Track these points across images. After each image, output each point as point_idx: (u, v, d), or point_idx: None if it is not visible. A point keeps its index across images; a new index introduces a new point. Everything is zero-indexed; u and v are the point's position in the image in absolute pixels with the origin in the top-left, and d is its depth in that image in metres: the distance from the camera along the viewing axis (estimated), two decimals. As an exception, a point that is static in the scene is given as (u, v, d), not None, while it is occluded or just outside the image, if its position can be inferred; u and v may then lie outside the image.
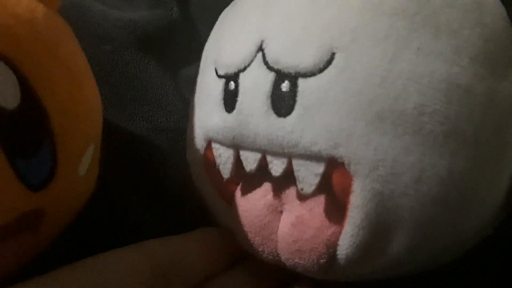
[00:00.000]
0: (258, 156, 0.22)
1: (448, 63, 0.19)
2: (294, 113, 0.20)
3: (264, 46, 0.21)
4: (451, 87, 0.19)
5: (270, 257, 0.23)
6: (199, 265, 0.24)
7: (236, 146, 0.23)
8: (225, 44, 0.23)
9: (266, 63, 0.21)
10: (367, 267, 0.21)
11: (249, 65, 0.22)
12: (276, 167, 0.21)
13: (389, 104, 0.19)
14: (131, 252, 0.22)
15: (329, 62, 0.20)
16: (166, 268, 0.22)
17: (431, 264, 0.22)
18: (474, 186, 0.20)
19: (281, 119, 0.20)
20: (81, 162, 0.20)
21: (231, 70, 0.22)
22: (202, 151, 0.25)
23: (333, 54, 0.20)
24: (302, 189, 0.21)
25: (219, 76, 0.23)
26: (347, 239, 0.20)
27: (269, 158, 0.21)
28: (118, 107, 0.31)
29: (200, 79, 0.26)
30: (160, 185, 0.30)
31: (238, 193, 0.24)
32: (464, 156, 0.19)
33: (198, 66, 0.35)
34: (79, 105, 0.19)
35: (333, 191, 0.21)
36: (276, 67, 0.21)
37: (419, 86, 0.19)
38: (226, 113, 0.22)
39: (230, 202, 0.24)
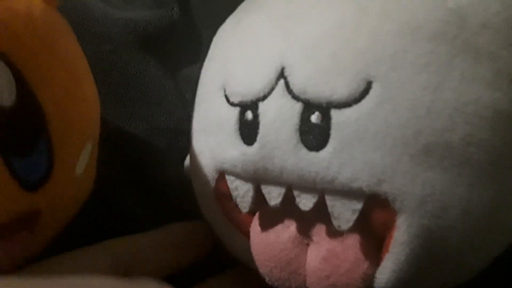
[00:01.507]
0: (282, 190, 0.20)
1: (491, 88, 0.18)
2: (329, 147, 0.19)
3: (286, 73, 0.20)
4: (496, 114, 0.18)
5: None
6: (163, 259, 0.24)
7: (257, 180, 0.21)
8: (237, 69, 0.22)
9: (290, 92, 0.19)
10: None
11: (269, 94, 0.20)
12: (305, 201, 0.20)
13: (436, 136, 0.18)
14: (92, 250, 0.22)
15: (365, 92, 0.18)
16: (126, 263, 0.23)
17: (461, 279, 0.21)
18: None
19: (313, 154, 0.19)
20: (78, 161, 0.20)
21: (247, 98, 0.21)
22: (213, 183, 0.23)
23: (369, 83, 0.18)
24: (339, 226, 0.19)
25: (232, 104, 0.21)
26: (387, 273, 0.19)
27: (296, 192, 0.20)
28: (117, 107, 0.31)
29: (204, 105, 0.24)
30: (158, 186, 0.30)
31: (255, 224, 0.22)
32: (508, 182, 0.19)
33: (198, 66, 0.35)
34: (77, 103, 0.19)
35: (369, 224, 0.20)
36: (303, 96, 0.19)
37: (465, 116, 0.18)
38: (245, 146, 0.21)
39: (248, 235, 0.23)
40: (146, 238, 0.25)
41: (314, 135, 0.19)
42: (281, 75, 0.20)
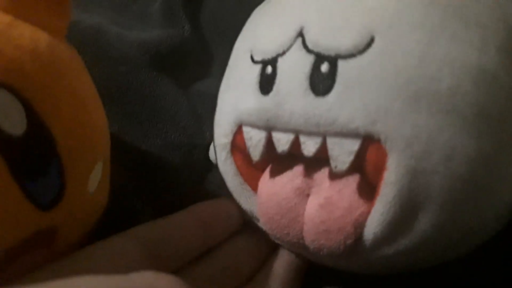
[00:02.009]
0: (291, 137, 0.23)
1: (477, 51, 0.21)
2: (333, 92, 0.21)
3: (304, 32, 0.22)
4: (480, 73, 0.20)
5: (295, 240, 0.24)
6: (191, 240, 0.24)
7: (269, 128, 0.23)
8: (263, 33, 0.25)
9: (305, 46, 0.22)
10: (392, 247, 0.22)
11: (288, 49, 0.23)
12: (309, 147, 0.22)
13: (425, 84, 0.20)
14: (119, 238, 0.22)
15: (368, 45, 0.21)
16: (155, 248, 0.22)
17: (453, 251, 0.22)
18: (500, 166, 0.21)
19: (319, 98, 0.21)
20: (89, 180, 0.21)
21: (269, 55, 0.23)
22: (231, 136, 0.25)
23: (372, 38, 0.21)
24: (335, 167, 0.21)
25: (255, 62, 0.24)
26: (376, 217, 0.21)
27: (302, 138, 0.22)
28: (133, 125, 0.32)
29: (229, 70, 0.27)
30: (174, 200, 0.31)
31: (265, 177, 0.25)
32: (491, 137, 0.20)
33: (210, 82, 0.36)
34: (85, 127, 0.20)
35: (363, 171, 0.21)
36: (316, 50, 0.22)
37: (452, 69, 0.20)
38: (261, 95, 0.23)
39: (255, 188, 0.25)
40: (173, 221, 0.25)
41: (321, 82, 0.21)
42: (300, 33, 0.23)
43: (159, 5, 0.37)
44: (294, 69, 0.22)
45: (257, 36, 0.25)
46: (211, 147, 0.29)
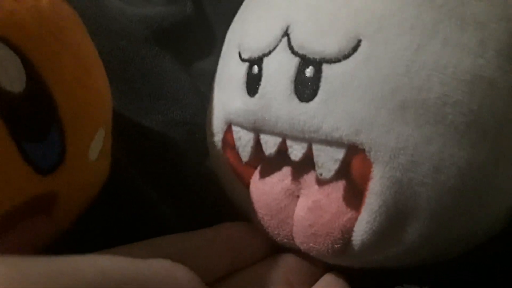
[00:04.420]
0: (278, 140, 0.22)
1: (473, 55, 0.19)
2: (317, 99, 0.20)
3: (289, 31, 0.21)
4: (475, 79, 0.19)
5: (285, 240, 0.23)
6: (217, 261, 0.23)
7: (257, 130, 0.23)
8: (250, 28, 0.24)
9: (291, 48, 0.21)
10: (380, 254, 0.21)
11: (274, 49, 0.22)
12: (296, 151, 0.22)
13: (413, 93, 0.19)
14: (142, 249, 0.21)
15: (354, 49, 0.20)
16: (181, 261, 0.21)
17: (442, 255, 0.22)
18: (492, 178, 0.20)
19: (304, 104, 0.21)
20: (90, 146, 0.20)
21: (255, 54, 0.22)
22: (221, 133, 0.25)
23: (358, 42, 0.20)
24: (321, 174, 0.21)
25: (243, 60, 0.23)
26: (363, 225, 0.21)
27: (289, 142, 0.22)
28: (134, 101, 0.32)
29: (222, 62, 0.26)
30: (175, 177, 0.30)
31: (256, 176, 0.24)
32: (484, 148, 0.19)
33: (212, 60, 0.35)
34: (86, 90, 0.20)
35: (351, 177, 0.21)
36: (301, 52, 0.21)
37: (443, 77, 0.19)
38: (248, 97, 0.23)
39: (248, 184, 0.25)
40: (200, 238, 0.23)
41: (306, 87, 0.21)
42: (286, 32, 0.22)
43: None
44: (279, 71, 0.21)
45: (245, 32, 0.24)
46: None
